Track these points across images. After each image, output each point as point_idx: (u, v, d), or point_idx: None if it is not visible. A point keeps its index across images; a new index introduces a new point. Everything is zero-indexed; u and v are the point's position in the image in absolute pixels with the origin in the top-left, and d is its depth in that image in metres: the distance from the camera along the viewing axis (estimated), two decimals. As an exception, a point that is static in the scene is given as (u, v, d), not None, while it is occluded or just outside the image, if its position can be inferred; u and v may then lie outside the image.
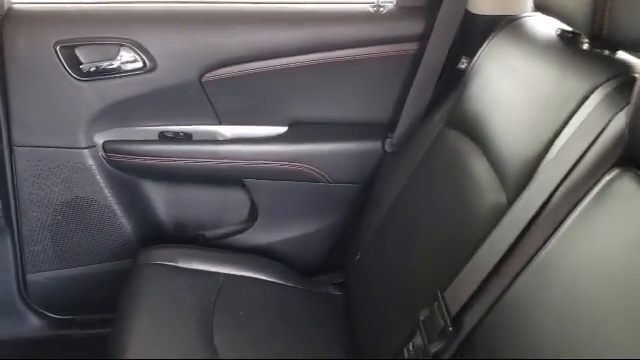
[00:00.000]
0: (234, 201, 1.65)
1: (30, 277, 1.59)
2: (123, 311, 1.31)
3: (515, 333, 0.88)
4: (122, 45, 1.41)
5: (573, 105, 0.96)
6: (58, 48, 1.39)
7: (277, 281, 1.49)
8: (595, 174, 0.86)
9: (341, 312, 1.43)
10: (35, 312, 1.65)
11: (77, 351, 1.68)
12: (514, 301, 0.90)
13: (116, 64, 1.42)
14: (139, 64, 1.42)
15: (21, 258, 1.57)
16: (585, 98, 0.95)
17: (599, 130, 0.89)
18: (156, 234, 1.64)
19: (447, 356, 0.98)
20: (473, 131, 1.21)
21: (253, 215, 1.64)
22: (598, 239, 0.82)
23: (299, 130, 1.54)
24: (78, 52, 1.40)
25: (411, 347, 1.03)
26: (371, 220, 1.48)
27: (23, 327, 1.65)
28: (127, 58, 1.42)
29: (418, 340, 1.02)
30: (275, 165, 1.52)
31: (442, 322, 0.98)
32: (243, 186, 1.60)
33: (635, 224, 0.78)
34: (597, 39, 0.97)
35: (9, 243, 1.55)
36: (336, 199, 1.58)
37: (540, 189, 0.93)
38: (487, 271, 0.95)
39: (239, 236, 1.64)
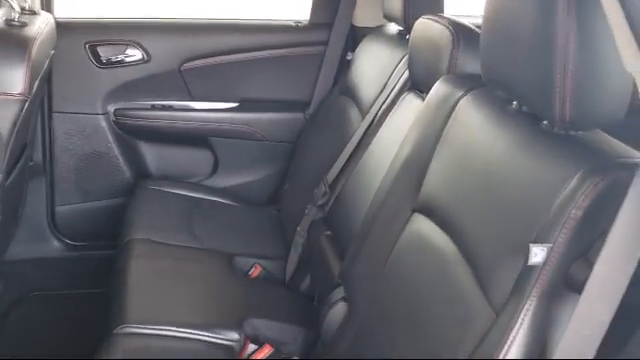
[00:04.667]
0: (201, 158, 2.34)
1: (57, 209, 2.25)
2: (127, 216, 1.98)
3: (360, 187, 1.62)
4: (128, 45, 2.16)
5: (394, 65, 1.73)
6: (87, 46, 2.13)
7: (236, 204, 2.19)
8: (399, 95, 1.63)
9: (278, 221, 2.13)
10: (57, 238, 2.29)
11: (88, 269, 2.31)
12: (359, 171, 1.65)
13: (123, 57, 2.15)
14: (139, 57, 2.16)
15: (52, 194, 2.24)
16: (400, 60, 1.72)
17: (402, 72, 1.65)
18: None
19: (328, 207, 1.71)
20: (352, 93, 1.97)
21: (215, 167, 2.35)
22: (396, 130, 1.57)
23: (247, 104, 2.28)
24: (99, 49, 2.14)
25: (309, 207, 1.76)
26: (295, 164, 2.21)
27: (47, 249, 2.29)
28: (131, 53, 2.16)
29: (312, 203, 1.75)
30: (230, 127, 2.26)
31: (324, 188, 1.72)
32: (208, 146, 2.31)
33: (409, 119, 1.51)
34: (407, 29, 1.75)
35: (44, 183, 2.22)
36: (273, 153, 2.31)
37: (376, 107, 1.69)
38: (347, 158, 1.71)
39: (205, 182, 2.34)
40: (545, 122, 0.96)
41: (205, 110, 2.26)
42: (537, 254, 0.84)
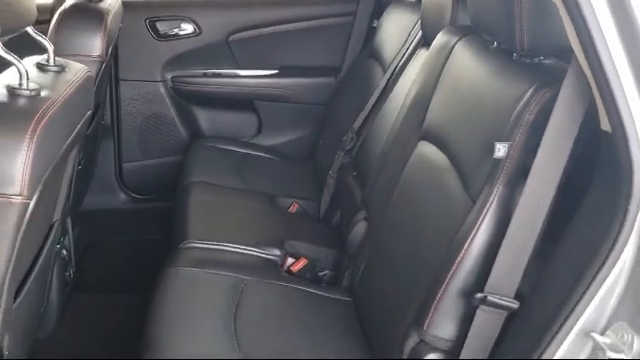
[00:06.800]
0: (247, 119, 2.66)
1: (124, 166, 2.60)
2: (185, 166, 2.30)
3: (380, 131, 1.89)
4: (183, 20, 2.47)
5: (412, 26, 1.99)
6: (147, 22, 2.46)
7: (277, 159, 2.50)
8: (414, 52, 1.89)
9: (314, 172, 2.42)
10: (124, 191, 2.64)
11: (149, 218, 2.65)
12: (379, 119, 1.92)
13: (178, 31, 2.47)
14: (192, 30, 2.48)
15: (119, 152, 2.58)
16: (416, 22, 1.97)
17: (417, 32, 1.91)
18: (200, 140, 2.66)
19: (354, 151, 1.99)
20: (377, 55, 2.24)
21: (260, 128, 2.65)
22: (410, 80, 1.83)
23: (285, 71, 2.58)
24: (157, 24, 2.47)
25: (338, 153, 2.05)
26: (327, 122, 2.50)
27: (115, 200, 2.63)
28: (185, 27, 2.48)
29: (341, 149, 2.04)
30: (271, 91, 2.56)
31: (351, 135, 2.00)
32: (253, 109, 2.62)
33: (418, 66, 1.77)
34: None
35: (112, 142, 2.56)
36: (309, 114, 2.60)
37: (395, 63, 1.96)
38: (370, 108, 1.99)
39: (251, 141, 2.65)
40: (515, 55, 1.22)
41: (249, 77, 2.57)
42: (500, 149, 1.10)
